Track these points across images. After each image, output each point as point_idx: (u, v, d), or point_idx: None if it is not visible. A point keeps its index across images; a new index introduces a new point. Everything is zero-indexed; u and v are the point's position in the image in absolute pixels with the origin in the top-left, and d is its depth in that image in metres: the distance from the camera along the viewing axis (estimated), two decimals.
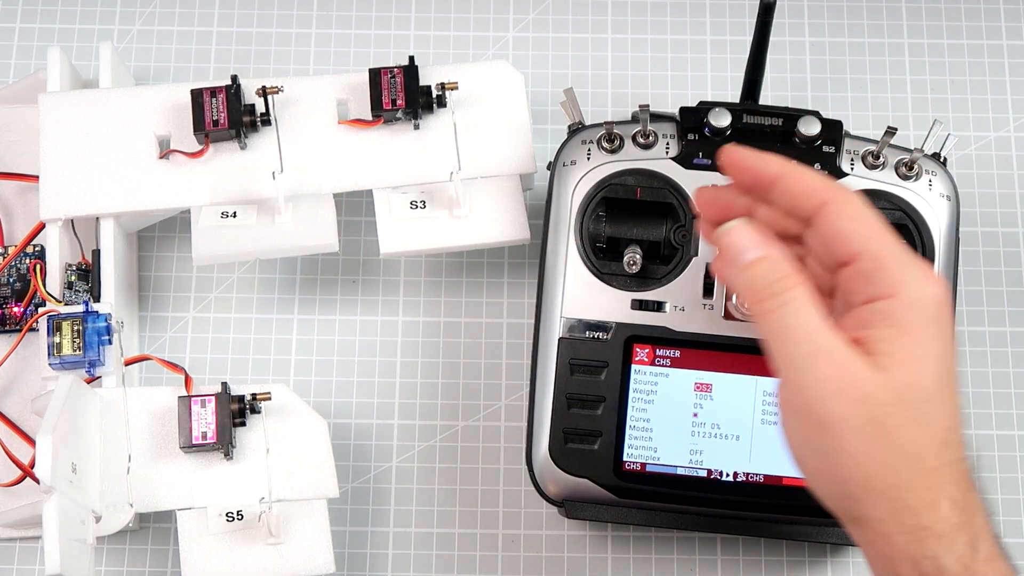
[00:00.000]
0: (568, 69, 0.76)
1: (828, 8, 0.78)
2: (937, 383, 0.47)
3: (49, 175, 0.66)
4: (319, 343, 0.70)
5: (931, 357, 0.47)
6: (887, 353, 0.47)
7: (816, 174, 0.51)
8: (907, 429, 0.46)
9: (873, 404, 0.46)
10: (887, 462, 0.46)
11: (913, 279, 0.48)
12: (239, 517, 0.62)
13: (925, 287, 0.48)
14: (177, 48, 0.76)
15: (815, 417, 0.47)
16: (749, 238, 0.49)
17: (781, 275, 0.48)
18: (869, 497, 0.47)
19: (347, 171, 0.67)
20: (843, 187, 0.50)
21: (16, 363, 0.66)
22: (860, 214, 0.49)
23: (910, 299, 0.47)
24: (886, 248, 0.48)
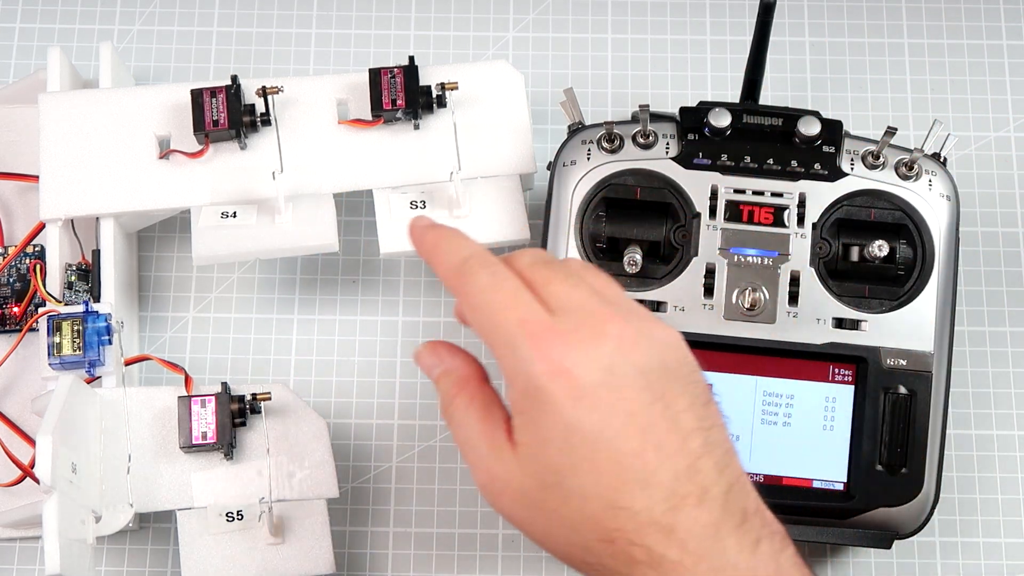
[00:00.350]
0: (568, 69, 0.76)
1: (828, 8, 0.78)
2: (570, 460, 0.47)
3: (49, 175, 0.66)
4: (319, 343, 0.70)
5: (554, 438, 0.47)
6: (522, 443, 0.48)
7: (452, 253, 0.51)
8: (562, 507, 0.47)
9: (526, 493, 0.48)
10: (566, 539, 0.48)
11: (514, 366, 0.47)
12: (239, 517, 0.62)
13: (522, 371, 0.47)
14: (177, 48, 0.76)
15: (503, 512, 0.50)
16: (428, 357, 0.53)
17: (449, 388, 0.51)
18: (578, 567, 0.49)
19: (347, 171, 0.67)
20: (472, 276, 0.49)
21: (16, 363, 0.66)
22: (476, 303, 0.49)
23: (517, 388, 0.47)
24: (494, 337, 0.48)
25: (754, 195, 0.63)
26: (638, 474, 0.46)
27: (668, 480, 0.47)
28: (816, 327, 0.62)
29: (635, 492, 0.46)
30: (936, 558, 0.67)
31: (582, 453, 0.47)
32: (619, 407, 0.47)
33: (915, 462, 0.61)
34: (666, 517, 0.46)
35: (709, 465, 0.48)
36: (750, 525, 0.48)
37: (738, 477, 0.49)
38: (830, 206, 0.63)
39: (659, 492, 0.47)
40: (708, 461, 0.48)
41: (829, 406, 0.62)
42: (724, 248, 0.63)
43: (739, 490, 0.48)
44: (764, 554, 0.47)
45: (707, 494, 0.47)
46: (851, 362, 0.62)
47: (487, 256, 0.50)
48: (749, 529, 0.48)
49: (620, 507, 0.46)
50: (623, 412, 0.47)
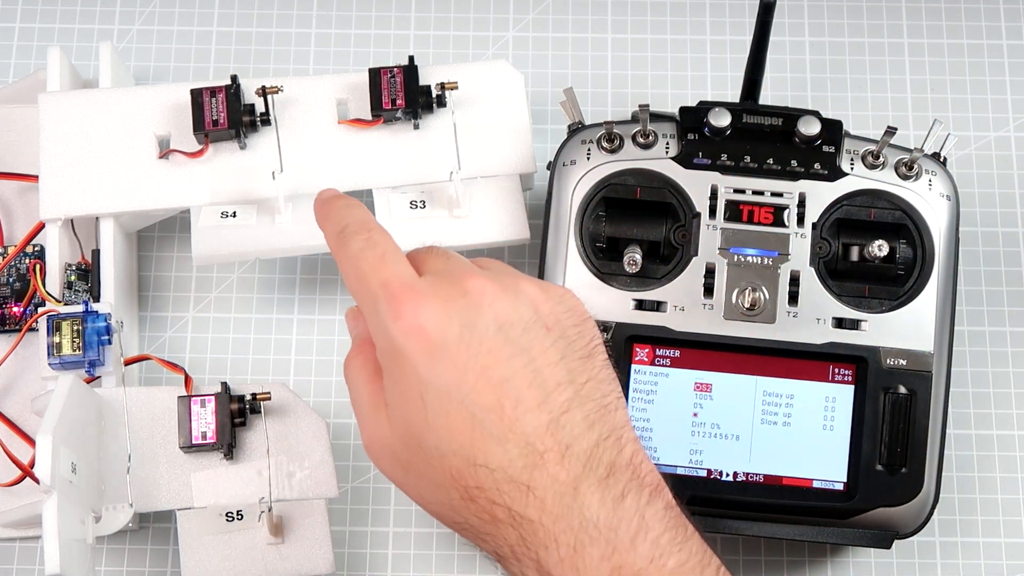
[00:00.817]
0: (568, 69, 0.76)
1: (828, 8, 0.78)
2: (426, 417, 0.47)
3: (49, 175, 0.66)
4: (319, 343, 0.70)
5: (412, 396, 0.47)
6: (389, 404, 0.49)
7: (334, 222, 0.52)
8: (425, 466, 0.48)
9: (397, 453, 0.49)
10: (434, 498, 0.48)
11: (376, 326, 0.49)
12: (239, 517, 0.62)
13: (382, 331, 0.48)
14: (177, 48, 0.76)
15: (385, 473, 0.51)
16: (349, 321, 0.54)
17: (351, 350, 0.52)
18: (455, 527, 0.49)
19: (347, 171, 0.67)
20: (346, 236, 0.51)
21: (16, 363, 0.66)
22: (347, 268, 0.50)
23: (381, 348, 0.49)
24: (361, 299, 0.50)
25: (754, 195, 0.63)
26: (493, 430, 0.46)
27: (526, 436, 0.46)
28: (816, 327, 0.62)
29: (491, 449, 0.46)
30: (936, 558, 0.67)
31: (437, 410, 0.47)
32: (474, 362, 0.47)
33: (915, 462, 0.61)
34: (524, 475, 0.46)
35: (576, 419, 0.47)
36: (616, 479, 0.47)
37: (612, 431, 0.48)
38: (830, 206, 0.63)
39: (516, 449, 0.46)
40: (576, 415, 0.47)
41: (829, 406, 0.62)
42: (724, 248, 0.63)
43: (610, 444, 0.47)
44: (628, 508, 0.46)
45: (569, 450, 0.47)
46: (851, 362, 0.62)
47: (366, 223, 0.51)
48: (614, 483, 0.47)
49: (477, 464, 0.46)
50: (478, 367, 0.47)
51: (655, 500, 0.47)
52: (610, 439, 0.48)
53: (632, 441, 0.48)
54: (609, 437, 0.48)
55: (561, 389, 0.47)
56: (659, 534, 0.46)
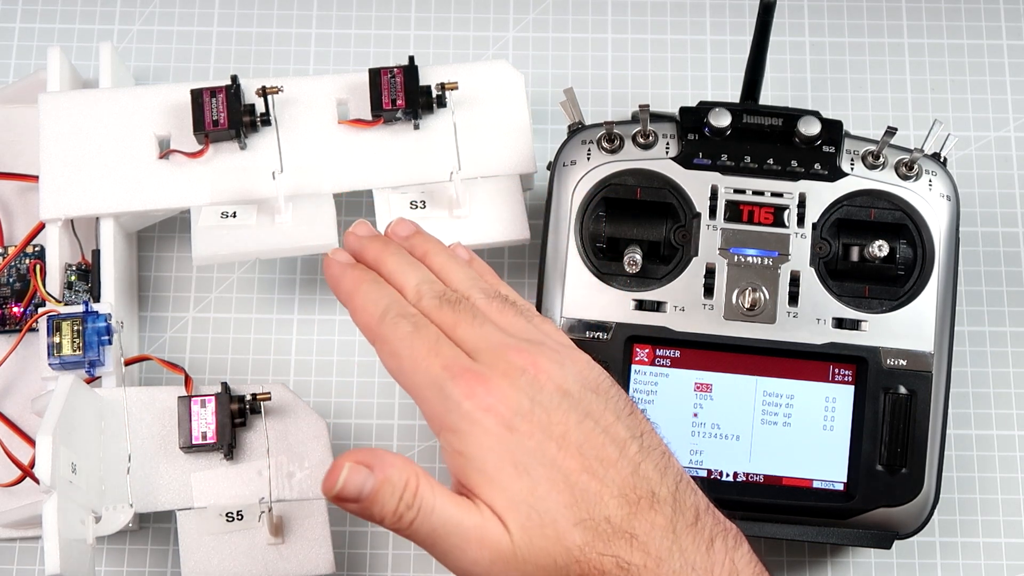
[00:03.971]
0: (568, 69, 0.76)
1: (828, 8, 0.78)
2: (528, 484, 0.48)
3: (49, 175, 0.66)
4: (319, 343, 0.70)
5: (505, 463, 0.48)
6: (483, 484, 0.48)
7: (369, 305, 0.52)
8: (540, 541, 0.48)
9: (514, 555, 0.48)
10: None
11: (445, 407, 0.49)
12: (239, 517, 0.62)
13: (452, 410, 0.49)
14: (177, 48, 0.76)
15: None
16: (355, 477, 0.48)
17: (400, 488, 0.48)
18: None
19: (347, 171, 0.67)
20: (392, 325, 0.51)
21: (16, 363, 0.66)
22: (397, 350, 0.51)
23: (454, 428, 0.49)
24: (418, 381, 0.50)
25: (754, 195, 0.63)
26: (588, 488, 0.48)
27: (618, 488, 0.48)
28: (816, 327, 0.62)
29: (592, 504, 0.48)
30: (936, 558, 0.67)
31: (536, 476, 0.48)
32: (550, 431, 0.49)
33: (915, 462, 0.61)
34: (626, 524, 0.48)
35: (650, 469, 0.49)
36: (703, 524, 0.49)
37: (681, 476, 0.50)
38: (830, 206, 0.63)
39: (613, 501, 0.48)
40: (648, 465, 0.49)
41: (829, 406, 0.62)
42: (724, 248, 0.63)
43: (686, 489, 0.50)
44: (719, 552, 0.49)
45: (656, 496, 0.49)
46: (851, 362, 0.62)
47: (405, 305, 0.52)
48: (702, 528, 0.49)
49: (582, 520, 0.48)
50: (556, 435, 0.49)
51: (739, 545, 0.50)
52: (683, 483, 0.50)
53: (698, 487, 0.51)
54: (682, 482, 0.50)
55: (629, 444, 0.50)
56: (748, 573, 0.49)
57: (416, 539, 0.49)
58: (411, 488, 0.48)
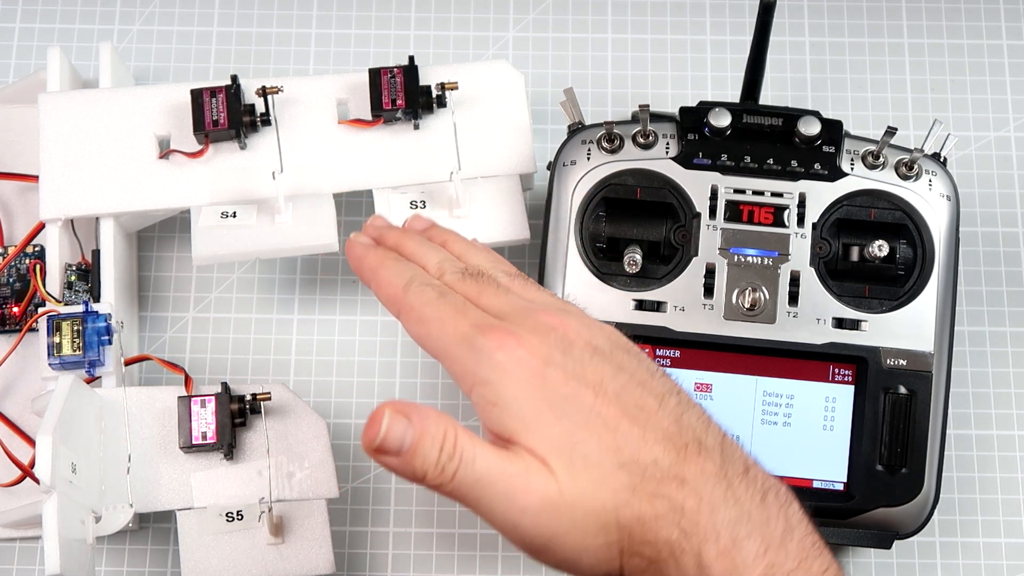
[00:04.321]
0: (568, 69, 0.76)
1: (828, 8, 0.78)
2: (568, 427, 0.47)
3: (49, 175, 0.66)
4: (319, 343, 0.70)
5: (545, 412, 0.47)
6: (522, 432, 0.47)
7: (394, 277, 0.52)
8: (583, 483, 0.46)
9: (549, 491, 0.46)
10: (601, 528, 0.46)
11: (476, 362, 0.48)
12: (239, 517, 0.62)
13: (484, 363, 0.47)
14: (177, 48, 0.76)
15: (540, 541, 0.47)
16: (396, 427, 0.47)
17: (440, 438, 0.47)
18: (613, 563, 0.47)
19: (347, 171, 0.67)
20: (417, 291, 0.51)
21: (16, 363, 0.66)
22: (425, 315, 0.50)
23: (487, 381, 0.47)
24: (448, 342, 0.49)
25: (754, 195, 0.63)
26: (630, 434, 0.47)
27: (661, 434, 0.47)
28: (816, 327, 0.62)
29: (636, 448, 0.46)
30: (936, 558, 0.67)
31: (575, 420, 0.47)
32: (586, 379, 0.48)
33: (915, 462, 0.61)
34: (674, 468, 0.46)
35: (693, 420, 0.48)
36: (753, 475, 0.47)
37: (724, 433, 0.49)
38: (830, 206, 0.63)
39: (658, 446, 0.47)
40: (691, 417, 0.48)
41: (829, 406, 0.62)
42: (724, 248, 0.63)
43: (731, 442, 0.48)
44: (772, 505, 0.47)
45: (703, 444, 0.47)
46: (851, 362, 0.62)
47: (429, 277, 0.52)
48: (754, 479, 0.47)
49: (626, 462, 0.46)
50: (592, 383, 0.48)
51: (791, 502, 0.48)
52: (727, 437, 0.48)
53: None
54: (726, 436, 0.48)
55: (667, 397, 0.48)
56: (803, 536, 0.47)
57: (459, 493, 0.47)
58: (450, 438, 0.46)
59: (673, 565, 0.46)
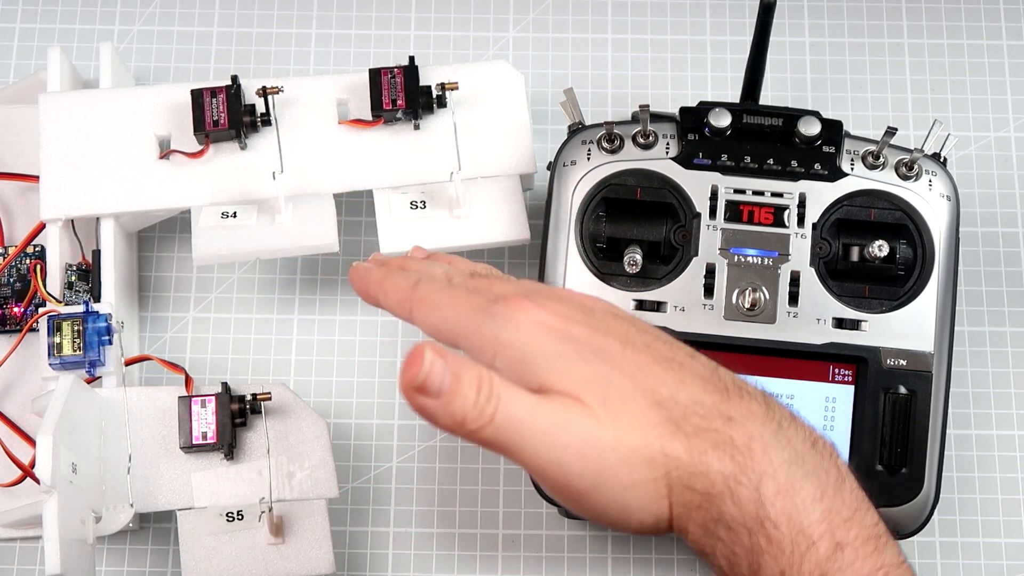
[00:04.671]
0: (568, 69, 0.76)
1: (828, 8, 0.78)
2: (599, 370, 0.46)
3: (49, 175, 0.66)
4: (319, 343, 0.70)
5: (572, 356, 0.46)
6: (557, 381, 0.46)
7: (402, 281, 0.51)
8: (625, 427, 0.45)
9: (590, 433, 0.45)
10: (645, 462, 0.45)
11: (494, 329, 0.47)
12: (239, 517, 0.62)
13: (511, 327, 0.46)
14: (177, 48, 0.76)
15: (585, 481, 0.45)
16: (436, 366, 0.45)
17: (476, 379, 0.45)
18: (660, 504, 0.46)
19: (347, 171, 0.67)
20: (426, 285, 0.50)
21: (16, 363, 0.66)
22: (438, 302, 0.49)
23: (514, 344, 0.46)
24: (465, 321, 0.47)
25: (754, 195, 0.63)
26: (664, 376, 0.46)
27: (699, 378, 0.46)
28: (816, 327, 0.62)
29: (673, 389, 0.46)
30: (936, 558, 0.67)
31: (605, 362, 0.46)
32: (612, 334, 0.47)
33: (915, 462, 0.61)
34: (720, 407, 0.46)
35: (726, 373, 0.47)
36: (800, 422, 0.47)
37: (762, 388, 0.48)
38: (830, 206, 0.63)
39: (699, 385, 0.46)
40: (725, 371, 0.47)
41: (829, 406, 0.62)
42: (724, 248, 0.63)
43: (771, 396, 0.48)
44: (823, 452, 0.46)
45: (744, 390, 0.47)
46: (851, 362, 0.62)
47: (434, 276, 0.51)
48: (801, 425, 0.46)
49: (663, 401, 0.45)
50: (619, 337, 0.47)
51: (837, 453, 0.47)
52: (766, 393, 0.48)
53: None
54: (765, 390, 0.48)
55: (697, 354, 0.48)
56: (854, 486, 0.46)
57: (499, 438, 0.45)
58: (486, 379, 0.45)
59: (730, 498, 0.45)
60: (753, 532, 0.44)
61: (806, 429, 0.47)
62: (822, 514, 0.44)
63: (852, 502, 0.46)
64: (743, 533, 0.45)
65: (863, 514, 0.46)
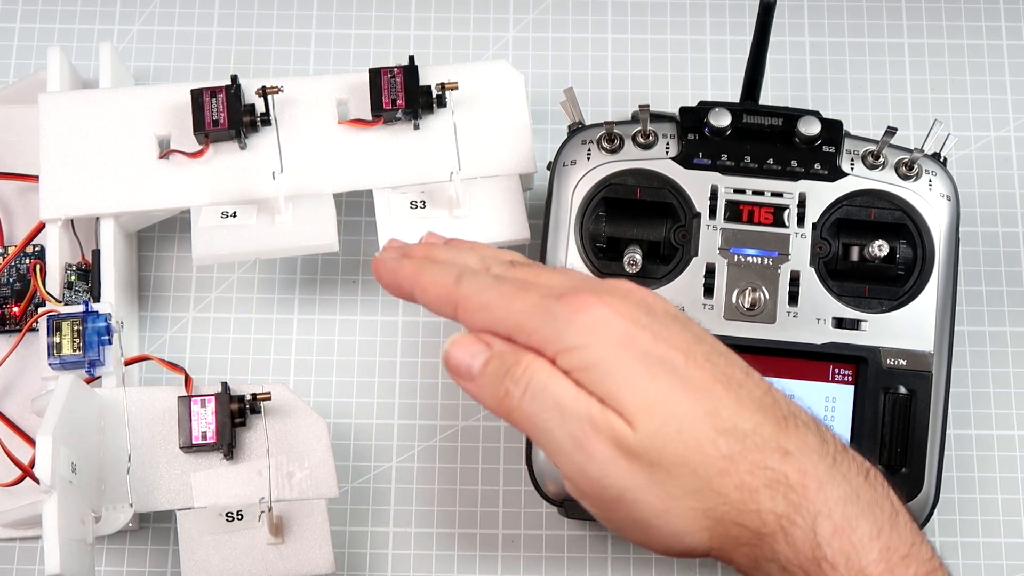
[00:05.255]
0: (568, 69, 0.76)
1: (828, 8, 0.78)
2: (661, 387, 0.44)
3: (49, 175, 0.66)
4: (319, 343, 0.70)
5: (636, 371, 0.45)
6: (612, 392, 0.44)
7: (441, 275, 0.48)
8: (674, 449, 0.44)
9: (637, 450, 0.44)
10: (683, 486, 0.44)
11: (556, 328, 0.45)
12: (239, 517, 0.62)
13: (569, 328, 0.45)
14: (177, 48, 0.76)
15: (610, 493, 0.44)
16: (466, 349, 0.46)
17: (512, 361, 0.45)
18: (697, 536, 0.44)
19: (347, 171, 0.67)
20: (471, 280, 0.47)
21: (16, 363, 0.66)
22: (487, 300, 0.46)
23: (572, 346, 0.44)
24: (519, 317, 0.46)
25: (754, 195, 0.63)
26: (725, 397, 0.45)
27: (756, 404, 0.45)
28: (816, 327, 0.62)
29: (734, 413, 0.44)
30: None
31: (670, 380, 0.44)
32: (673, 343, 0.45)
33: (915, 462, 0.61)
34: (776, 439, 0.44)
35: (779, 394, 0.46)
36: (852, 454, 0.45)
37: (810, 411, 0.46)
38: (830, 206, 0.63)
39: (758, 414, 0.44)
40: (777, 392, 0.46)
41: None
42: (724, 248, 0.63)
43: (820, 421, 0.46)
44: (876, 485, 0.45)
45: (798, 418, 0.45)
46: (851, 362, 0.62)
47: (475, 269, 0.49)
48: (853, 457, 0.45)
49: (726, 429, 0.44)
50: (681, 348, 0.45)
51: (888, 485, 0.46)
52: (816, 417, 0.46)
53: None
54: (814, 415, 0.46)
55: (751, 371, 0.47)
56: (907, 519, 0.45)
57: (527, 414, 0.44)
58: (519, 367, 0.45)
59: (783, 539, 0.43)
60: (810, 574, 0.43)
61: (858, 460, 0.46)
62: (880, 552, 0.43)
63: (908, 536, 0.44)
64: (799, 574, 0.44)
65: (919, 548, 0.44)
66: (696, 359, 0.45)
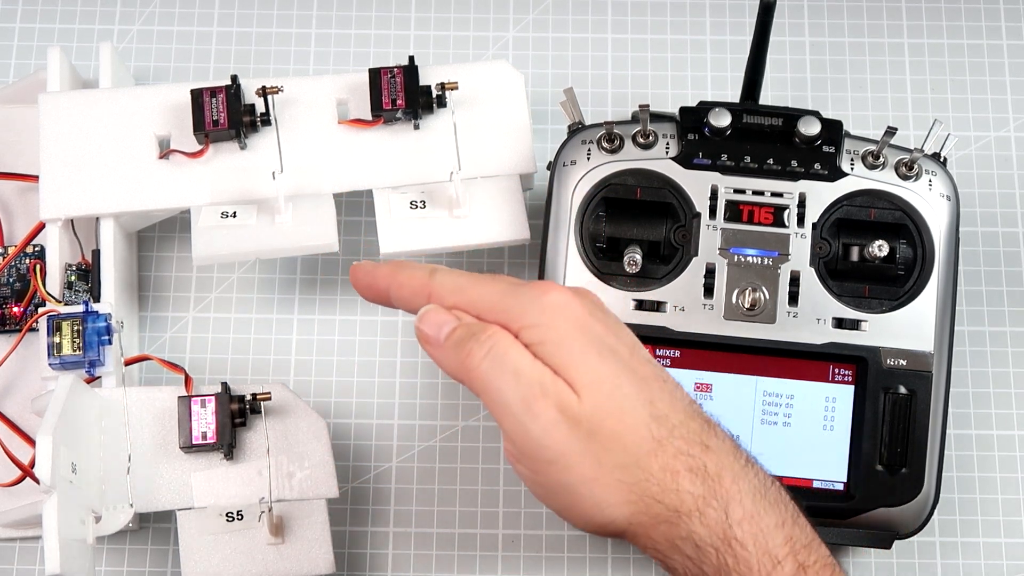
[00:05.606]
0: (568, 69, 0.76)
1: (828, 8, 0.78)
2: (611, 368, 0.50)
3: (49, 175, 0.66)
4: (319, 343, 0.70)
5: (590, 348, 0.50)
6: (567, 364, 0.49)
7: (416, 271, 0.53)
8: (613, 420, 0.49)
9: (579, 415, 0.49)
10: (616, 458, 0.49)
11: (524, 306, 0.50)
12: (239, 517, 0.62)
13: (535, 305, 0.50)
14: (177, 48, 0.76)
15: (546, 454, 0.49)
16: (436, 317, 0.52)
17: (479, 329, 0.50)
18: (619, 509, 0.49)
19: (347, 171, 0.67)
20: (444, 272, 0.53)
21: (16, 363, 0.66)
22: (458, 283, 0.52)
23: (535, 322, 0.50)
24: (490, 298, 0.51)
25: (754, 195, 0.63)
26: (662, 391, 0.50)
27: (687, 404, 0.51)
28: (816, 327, 0.62)
29: (668, 405, 0.50)
30: (936, 558, 0.67)
31: (616, 366, 0.50)
32: (622, 338, 0.51)
33: (915, 462, 0.61)
34: (700, 435, 0.50)
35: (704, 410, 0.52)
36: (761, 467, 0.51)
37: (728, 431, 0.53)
38: (830, 206, 0.63)
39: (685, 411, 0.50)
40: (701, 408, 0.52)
41: (829, 406, 0.62)
42: (724, 248, 0.63)
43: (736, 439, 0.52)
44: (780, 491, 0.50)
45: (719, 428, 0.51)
46: (851, 362, 0.62)
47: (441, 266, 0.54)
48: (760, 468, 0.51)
49: (661, 415, 0.50)
50: (627, 343, 0.51)
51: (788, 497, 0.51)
52: None
53: None
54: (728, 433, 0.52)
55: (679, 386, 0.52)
56: (807, 523, 0.50)
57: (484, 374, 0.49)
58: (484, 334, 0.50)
59: (698, 519, 0.48)
60: (720, 551, 0.48)
61: (765, 472, 0.51)
62: (784, 539, 0.49)
63: (810, 533, 0.50)
64: (711, 552, 0.48)
65: (819, 544, 0.50)
66: (639, 357, 0.51)
